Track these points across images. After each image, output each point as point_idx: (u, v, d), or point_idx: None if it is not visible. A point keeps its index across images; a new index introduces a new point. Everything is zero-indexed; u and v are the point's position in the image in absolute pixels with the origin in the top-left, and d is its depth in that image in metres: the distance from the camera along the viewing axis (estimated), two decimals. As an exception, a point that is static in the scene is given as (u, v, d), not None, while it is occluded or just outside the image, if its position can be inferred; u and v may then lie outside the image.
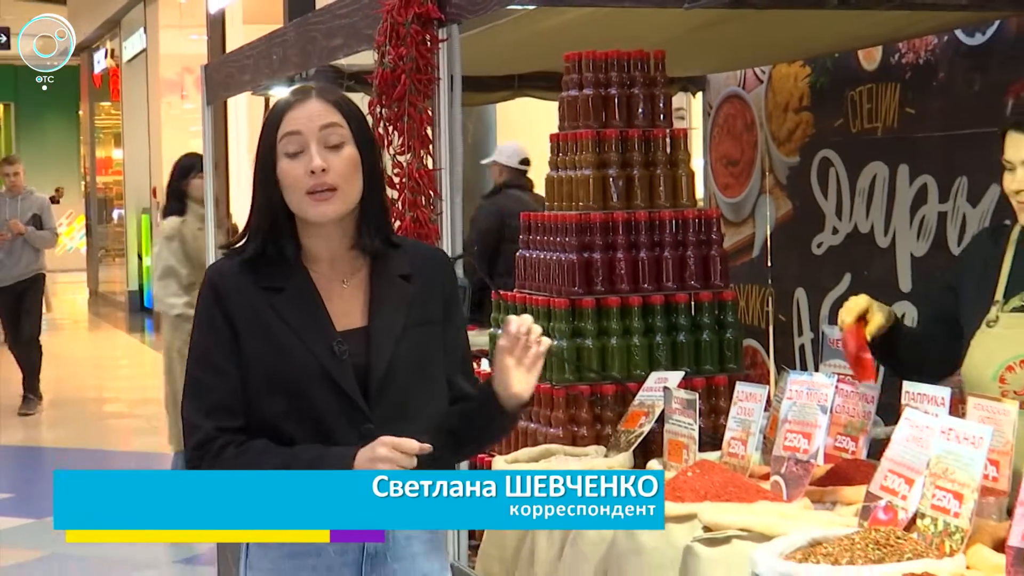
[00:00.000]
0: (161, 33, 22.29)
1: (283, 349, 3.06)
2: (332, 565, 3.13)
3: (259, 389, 3.06)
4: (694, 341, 5.08)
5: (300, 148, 3.04)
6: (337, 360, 3.06)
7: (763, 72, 7.17)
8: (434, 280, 3.23)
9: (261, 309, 3.07)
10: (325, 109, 3.07)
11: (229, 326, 3.08)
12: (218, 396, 3.08)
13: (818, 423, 3.59)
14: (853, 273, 6.55)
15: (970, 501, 2.96)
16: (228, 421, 3.06)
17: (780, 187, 7.11)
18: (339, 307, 3.13)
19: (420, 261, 3.24)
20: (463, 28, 4.47)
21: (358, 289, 3.16)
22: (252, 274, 3.10)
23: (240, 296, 3.08)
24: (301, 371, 3.05)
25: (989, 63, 5.67)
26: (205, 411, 3.07)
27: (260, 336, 3.06)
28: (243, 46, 7.13)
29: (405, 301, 3.16)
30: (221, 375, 3.08)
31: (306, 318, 3.08)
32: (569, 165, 5.22)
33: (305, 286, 3.11)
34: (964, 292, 3.91)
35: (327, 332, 3.08)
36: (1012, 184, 3.71)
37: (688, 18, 4.98)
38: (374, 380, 3.08)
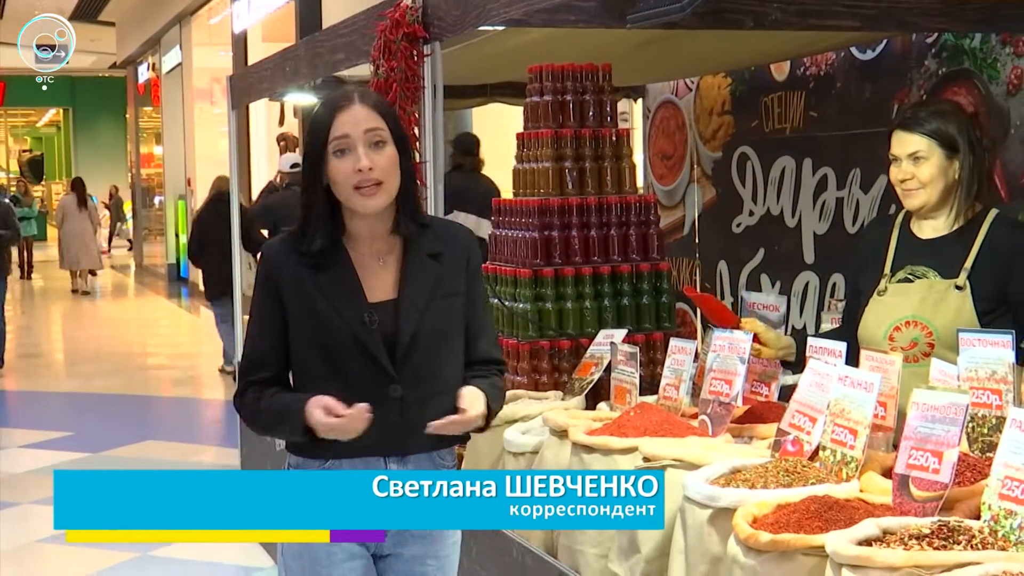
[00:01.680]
0: (194, 49, 22.17)
1: (322, 318, 3.01)
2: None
3: (303, 351, 3.03)
4: (635, 304, 5.08)
5: (348, 148, 2.97)
6: (367, 329, 2.99)
7: (692, 82, 7.15)
8: (459, 257, 3.13)
9: (305, 283, 3.02)
10: (368, 114, 2.99)
11: (277, 296, 3.04)
12: (259, 352, 3.08)
13: (738, 372, 3.58)
14: (766, 248, 6.55)
15: (863, 436, 2.96)
16: (260, 373, 3.06)
17: (706, 177, 7.10)
18: (374, 282, 3.05)
19: (448, 240, 3.14)
20: (444, 45, 4.44)
21: (392, 266, 3.07)
22: (300, 254, 3.04)
23: (288, 271, 3.03)
24: (337, 337, 3.00)
25: (878, 75, 5.66)
26: (250, 366, 3.09)
27: (303, 306, 3.02)
28: (262, 60, 7.09)
29: (432, 277, 3.07)
30: (264, 335, 3.07)
31: (342, 292, 3.02)
32: (532, 159, 5.21)
33: (345, 265, 3.04)
34: (862, 270, 3.91)
35: (360, 304, 3.01)
36: (898, 175, 3.71)
37: (630, 37, 4.96)
38: (400, 346, 3.00)
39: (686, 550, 2.99)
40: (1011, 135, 4.86)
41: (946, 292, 3.66)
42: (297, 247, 3.05)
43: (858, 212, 5.81)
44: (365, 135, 2.97)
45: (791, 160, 6.32)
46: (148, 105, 29.27)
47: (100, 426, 10.56)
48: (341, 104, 3.00)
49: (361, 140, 2.96)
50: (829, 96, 6.01)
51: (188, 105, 22.66)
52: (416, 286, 3.05)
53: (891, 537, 2.46)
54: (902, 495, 2.67)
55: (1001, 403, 3.08)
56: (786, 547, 2.56)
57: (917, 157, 3.65)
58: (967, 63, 5.10)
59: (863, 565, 2.33)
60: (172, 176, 24.43)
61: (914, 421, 2.73)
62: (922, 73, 5.35)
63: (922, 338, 3.66)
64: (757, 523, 2.68)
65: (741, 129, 6.74)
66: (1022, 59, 4.82)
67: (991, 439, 3.03)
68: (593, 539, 3.47)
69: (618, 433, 3.51)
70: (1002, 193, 4.81)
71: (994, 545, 2.39)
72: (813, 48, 5.84)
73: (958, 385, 3.14)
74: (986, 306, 3.62)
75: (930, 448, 2.66)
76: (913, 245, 3.79)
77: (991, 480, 2.50)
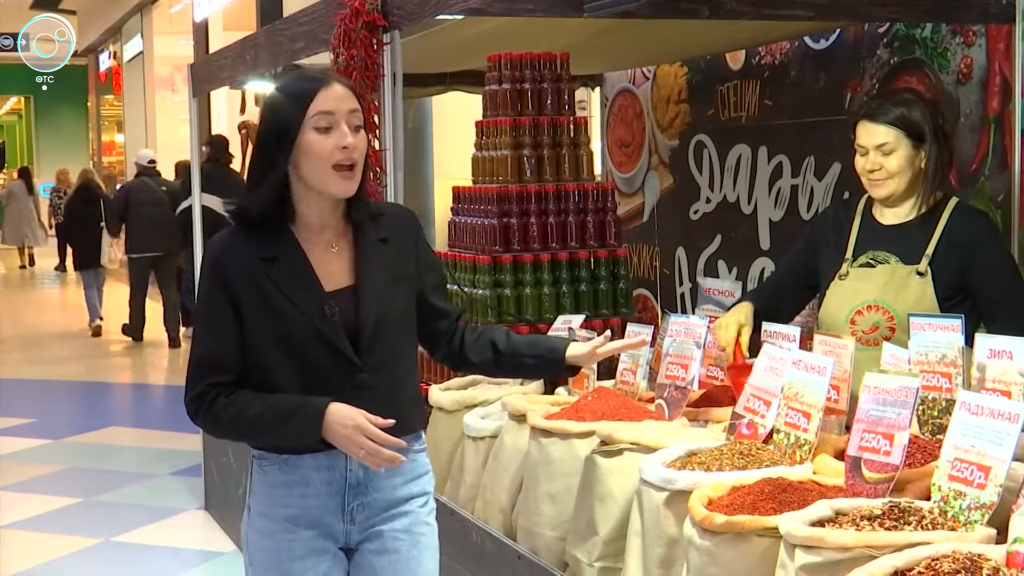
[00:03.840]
0: (156, 38, 22.01)
1: (280, 314, 2.87)
2: (319, 493, 2.96)
3: (262, 349, 2.89)
4: (593, 290, 5.08)
5: (332, 125, 2.84)
6: (327, 321, 2.87)
7: (649, 71, 7.16)
8: (407, 240, 3.05)
9: (259, 278, 2.88)
10: (348, 95, 2.88)
11: (229, 295, 2.89)
12: (215, 354, 2.91)
13: (694, 356, 3.59)
14: (723, 234, 6.58)
15: (816, 419, 2.97)
16: (221, 376, 2.89)
17: (664, 165, 7.11)
18: (328, 269, 2.94)
19: (394, 224, 3.05)
20: (404, 33, 4.43)
21: (344, 253, 2.96)
22: (249, 245, 2.90)
23: (239, 268, 2.89)
24: (297, 332, 2.86)
25: (832, 64, 5.68)
26: (203, 367, 2.92)
27: (260, 303, 2.88)
28: (222, 48, 7.05)
29: (385, 262, 2.98)
30: (220, 337, 2.90)
31: (298, 284, 2.89)
32: (491, 146, 5.20)
33: (297, 254, 2.91)
34: (821, 253, 3.93)
35: (318, 295, 2.90)
36: (866, 165, 3.71)
37: (587, 26, 4.96)
38: (364, 334, 2.90)
39: (643, 532, 2.99)
40: (961, 123, 4.89)
41: (908, 278, 3.68)
42: (245, 238, 2.92)
43: (813, 199, 5.83)
44: (348, 114, 2.86)
45: (747, 148, 6.34)
46: (109, 93, 29.03)
47: (62, 412, 10.50)
48: (322, 80, 2.87)
49: (345, 118, 2.85)
50: (784, 85, 6.03)
51: (149, 93, 22.50)
52: (373, 271, 2.96)
53: (843, 518, 2.47)
54: (854, 477, 2.69)
55: (951, 386, 3.11)
56: (741, 528, 2.57)
57: (885, 148, 3.67)
58: (918, 52, 5.13)
59: (816, 546, 2.35)
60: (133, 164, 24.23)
61: (866, 404, 2.74)
62: (874, 62, 5.38)
63: (883, 322, 3.68)
64: (712, 505, 2.69)
65: (697, 117, 6.75)
66: (972, 48, 4.85)
67: (941, 421, 3.05)
68: (551, 521, 3.48)
69: (576, 417, 3.52)
70: (952, 180, 4.84)
71: (944, 525, 2.41)
72: (768, 38, 5.86)
73: (909, 369, 3.16)
74: (946, 292, 3.65)
75: (881, 431, 2.67)
76: (875, 231, 3.81)
77: (941, 462, 2.52)
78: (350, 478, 2.97)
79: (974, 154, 4.85)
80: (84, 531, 6.89)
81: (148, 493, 7.71)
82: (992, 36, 4.75)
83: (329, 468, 2.95)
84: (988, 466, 2.41)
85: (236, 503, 6.42)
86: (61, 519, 7.19)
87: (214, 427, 2.99)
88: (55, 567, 6.33)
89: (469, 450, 4.00)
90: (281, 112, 2.87)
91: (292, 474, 2.97)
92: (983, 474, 2.42)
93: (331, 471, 2.96)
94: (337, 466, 2.95)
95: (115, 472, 8.27)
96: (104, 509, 7.38)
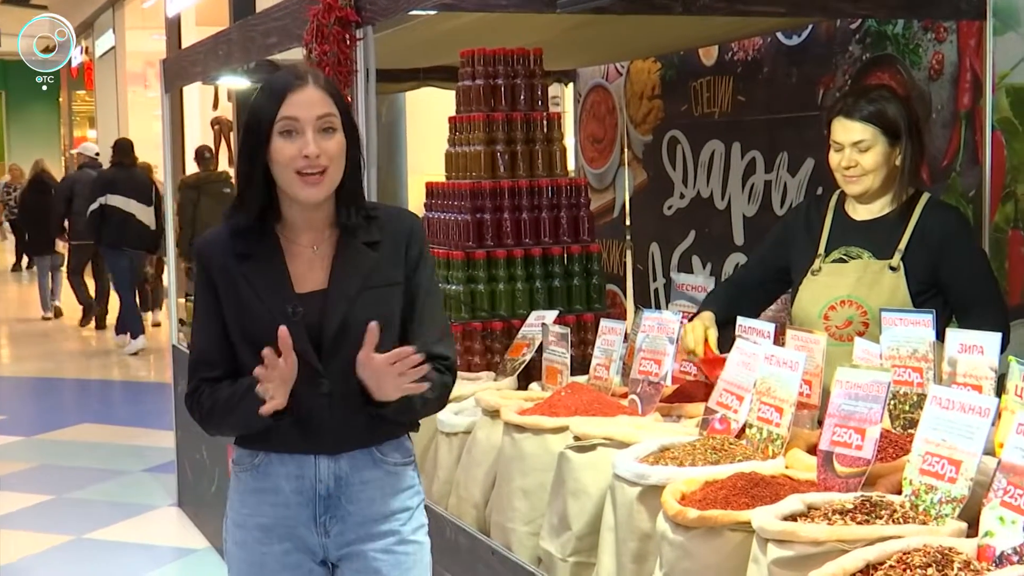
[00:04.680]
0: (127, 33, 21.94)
1: (249, 310, 2.83)
2: (290, 503, 2.89)
3: (236, 344, 2.86)
4: (566, 286, 5.08)
5: (295, 130, 2.77)
6: (290, 322, 2.76)
7: (622, 66, 7.17)
8: (399, 244, 2.91)
9: (235, 275, 2.85)
10: (321, 98, 2.79)
11: (213, 291, 2.88)
12: (203, 349, 2.92)
13: (667, 351, 3.60)
14: (697, 230, 6.59)
15: (788, 414, 2.98)
16: (209, 372, 2.88)
17: (637, 160, 7.12)
18: (305, 271, 2.86)
19: (389, 229, 2.92)
20: (376, 29, 4.42)
21: (325, 255, 2.88)
22: (232, 241, 2.87)
23: (220, 264, 2.87)
24: (263, 330, 2.76)
25: (804, 60, 5.70)
26: (196, 363, 2.93)
27: (233, 299, 2.85)
28: (195, 43, 7.02)
29: (366, 265, 2.86)
30: (207, 334, 2.90)
31: (268, 282, 2.84)
32: (464, 142, 5.20)
33: (272, 253, 2.86)
34: (793, 247, 3.94)
35: (285, 295, 2.83)
36: (842, 161, 3.72)
37: (560, 21, 4.96)
38: (327, 338, 2.81)
39: (616, 527, 3.00)
40: (933, 119, 4.91)
41: (881, 273, 3.70)
42: (230, 236, 2.89)
43: (786, 195, 5.85)
44: (316, 120, 2.77)
45: (720, 144, 6.35)
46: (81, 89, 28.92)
47: (35, 410, 10.45)
48: (294, 84, 2.79)
49: (311, 125, 2.77)
50: (756, 81, 6.04)
51: (121, 89, 22.42)
52: (346, 275, 2.86)
53: (815, 512, 2.48)
54: (826, 471, 2.69)
55: (922, 381, 3.12)
56: (713, 523, 2.57)
57: (861, 145, 3.68)
58: (890, 48, 5.15)
59: (788, 540, 2.35)
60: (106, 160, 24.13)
61: (838, 399, 2.75)
62: (846, 58, 5.40)
63: (856, 317, 3.70)
64: (685, 500, 2.69)
65: (671, 113, 6.76)
66: (943, 45, 4.87)
67: (912, 416, 3.07)
68: (525, 516, 3.48)
69: (549, 413, 3.52)
70: (924, 176, 4.86)
71: (915, 519, 2.42)
72: (740, 33, 5.87)
73: (880, 363, 3.18)
74: (919, 287, 3.66)
75: (853, 425, 2.68)
76: (848, 226, 3.82)
77: (912, 456, 2.53)
78: (319, 489, 2.90)
79: (945, 150, 4.87)
80: (56, 528, 6.86)
81: (121, 490, 7.69)
82: (963, 32, 4.77)
83: (299, 477, 2.89)
84: (959, 460, 2.43)
85: (209, 500, 6.40)
86: (33, 517, 7.15)
87: (203, 421, 2.95)
88: (27, 565, 6.30)
89: (443, 446, 4.00)
90: (255, 113, 2.82)
91: (263, 481, 2.92)
92: (954, 468, 2.43)
93: (300, 480, 2.89)
94: (306, 474, 2.89)
95: (87, 469, 8.24)
96: (76, 506, 7.35)
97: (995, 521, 2.23)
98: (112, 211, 12.61)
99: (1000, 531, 2.22)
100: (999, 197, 4.51)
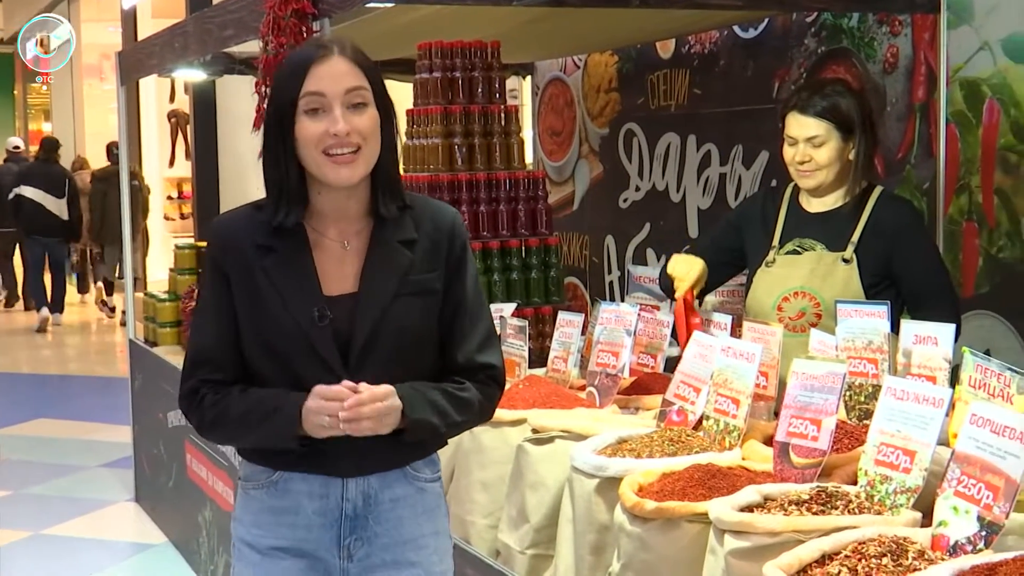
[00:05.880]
0: (83, 25, 21.75)
1: (268, 313, 2.50)
2: (311, 524, 2.57)
3: (248, 347, 2.54)
4: (524, 279, 5.09)
5: (322, 107, 2.46)
6: (317, 327, 2.48)
7: (580, 59, 7.17)
8: (439, 245, 2.58)
9: (252, 269, 2.52)
10: (349, 70, 2.48)
11: (224, 282, 2.55)
12: (209, 348, 2.56)
13: (624, 344, 3.60)
14: (652, 223, 6.60)
15: (745, 405, 2.99)
16: (213, 373, 2.55)
17: (594, 153, 7.12)
18: (335, 271, 2.54)
19: (427, 225, 2.59)
20: (333, 21, 4.40)
21: (357, 253, 2.55)
22: (252, 230, 2.54)
23: (236, 252, 2.54)
24: (285, 336, 2.49)
25: (760, 53, 5.71)
26: (197, 361, 2.58)
27: (249, 295, 2.52)
28: (151, 36, 6.97)
29: (402, 268, 2.54)
30: (215, 328, 2.56)
31: (293, 282, 2.51)
32: (422, 135, 5.19)
33: (298, 248, 2.53)
34: (748, 237, 3.95)
35: (312, 296, 2.51)
36: (796, 156, 3.74)
37: (518, 14, 4.95)
38: (355, 347, 2.49)
39: (574, 519, 3.00)
40: (887, 112, 4.94)
41: (834, 265, 3.72)
42: (251, 221, 2.57)
43: (740, 187, 5.86)
44: (345, 95, 2.47)
45: (676, 136, 6.36)
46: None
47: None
48: (318, 54, 2.48)
49: (339, 100, 2.46)
50: (713, 74, 6.05)
51: (77, 81, 22.24)
52: (380, 278, 2.54)
53: (772, 503, 2.49)
54: (782, 462, 2.71)
55: (877, 372, 3.14)
56: (671, 514, 2.58)
57: (816, 140, 3.69)
58: (845, 42, 5.17)
59: (745, 531, 2.36)
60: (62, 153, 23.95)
61: (794, 390, 2.77)
62: (802, 51, 5.41)
63: (810, 309, 3.71)
64: (643, 492, 2.70)
65: (627, 106, 6.77)
66: (898, 38, 4.90)
67: (867, 407, 3.08)
68: (483, 509, 3.47)
69: (508, 405, 3.52)
70: (879, 168, 4.89)
71: (870, 509, 2.43)
72: (697, 26, 5.88)
73: (836, 355, 3.19)
74: (872, 279, 3.69)
75: (809, 416, 2.70)
76: (801, 218, 3.84)
77: (867, 447, 2.54)
78: (346, 508, 2.58)
79: (900, 142, 4.90)
80: (13, 524, 6.80)
81: (78, 485, 7.63)
82: (918, 26, 4.80)
83: (323, 496, 2.57)
84: (913, 450, 2.44)
85: (167, 495, 6.37)
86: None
87: (202, 427, 2.61)
88: (-17, 561, 6.26)
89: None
90: (276, 93, 2.53)
91: (281, 499, 2.59)
92: (908, 458, 2.44)
93: (325, 500, 2.57)
94: (332, 494, 2.57)
95: (44, 464, 8.18)
96: (34, 502, 7.29)
97: (949, 511, 2.25)
98: (26, 201, 14.31)
99: (954, 521, 2.23)
100: (953, 189, 4.54)
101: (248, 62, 6.54)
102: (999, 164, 4.37)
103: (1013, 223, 4.33)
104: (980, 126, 4.42)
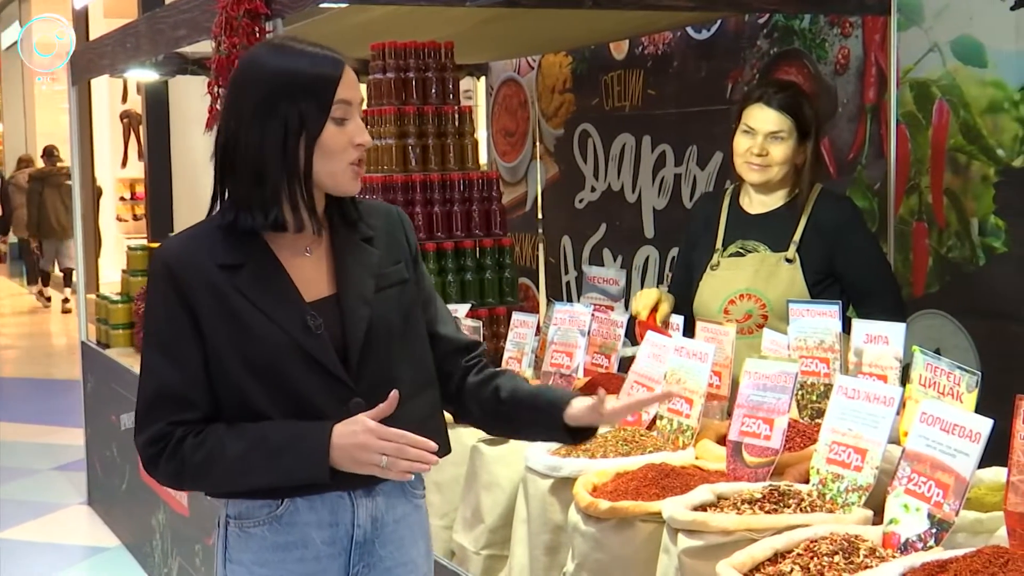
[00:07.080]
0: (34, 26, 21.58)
1: (253, 330, 2.35)
2: (320, 555, 2.44)
3: (235, 374, 2.36)
4: (479, 279, 5.08)
5: (347, 117, 2.37)
6: (312, 335, 2.37)
7: (534, 60, 7.17)
8: (395, 238, 2.56)
9: (224, 290, 2.36)
10: (357, 82, 2.43)
11: (188, 312, 2.36)
12: (174, 385, 2.36)
13: (578, 344, 3.61)
14: (608, 223, 6.61)
15: (698, 405, 3.01)
16: (183, 413, 2.36)
17: (549, 154, 7.13)
18: (304, 277, 2.43)
19: (379, 222, 2.54)
20: (286, 22, 4.38)
21: (321, 257, 2.46)
22: (207, 252, 2.38)
23: (199, 278, 2.36)
24: (275, 351, 2.35)
25: (713, 54, 5.74)
26: (159, 402, 2.37)
27: (226, 320, 2.35)
28: (102, 36, 6.92)
29: (372, 264, 2.48)
30: (179, 363, 2.37)
31: (273, 294, 2.38)
32: (375, 135, 5.17)
33: (266, 259, 2.40)
34: (695, 244, 3.97)
35: (298, 306, 2.39)
36: (751, 147, 3.73)
37: (472, 15, 4.95)
38: (353, 349, 2.40)
39: (528, 519, 3.00)
40: (839, 113, 4.97)
41: (777, 265, 3.73)
42: (201, 245, 2.41)
43: (695, 188, 5.88)
44: (359, 105, 2.43)
45: (631, 137, 6.38)
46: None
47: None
48: (338, 63, 2.39)
49: (358, 110, 2.41)
50: (667, 75, 6.07)
51: (28, 81, 22.06)
52: (356, 277, 2.46)
53: (725, 502, 2.50)
54: (735, 461, 2.72)
55: (829, 371, 3.16)
56: (624, 514, 2.59)
57: (778, 135, 3.70)
58: (797, 43, 5.19)
59: (698, 530, 2.37)
60: (13, 154, 23.73)
61: (746, 389, 2.78)
62: (755, 52, 5.44)
63: (756, 310, 3.73)
64: (597, 491, 2.70)
65: (582, 107, 6.78)
66: (849, 39, 4.93)
67: (819, 406, 3.10)
68: (438, 510, 3.47)
69: (462, 406, 3.51)
70: (831, 169, 4.92)
71: (822, 508, 2.45)
72: (651, 27, 5.90)
73: (788, 354, 3.21)
74: (815, 277, 3.71)
75: (762, 415, 2.71)
76: (743, 220, 3.86)
77: (819, 445, 2.56)
78: (356, 535, 2.48)
79: (851, 143, 4.93)
80: (-36, 528, 6.75)
81: (30, 489, 7.57)
82: (868, 28, 4.83)
83: (332, 524, 2.46)
84: (864, 449, 2.46)
85: (120, 498, 6.33)
86: (-60, 517, 7.03)
87: (181, 475, 2.39)
88: (-67, 565, 6.19)
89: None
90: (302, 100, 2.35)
91: (288, 534, 2.44)
92: (860, 457, 2.46)
93: (334, 528, 2.46)
94: (342, 521, 2.46)
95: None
96: (-16, 505, 7.24)
97: (899, 508, 2.26)
98: None
99: (905, 518, 2.25)
100: (904, 190, 4.57)
101: (201, 62, 6.52)
102: (949, 165, 4.40)
103: (962, 223, 4.37)
104: (930, 127, 4.45)
